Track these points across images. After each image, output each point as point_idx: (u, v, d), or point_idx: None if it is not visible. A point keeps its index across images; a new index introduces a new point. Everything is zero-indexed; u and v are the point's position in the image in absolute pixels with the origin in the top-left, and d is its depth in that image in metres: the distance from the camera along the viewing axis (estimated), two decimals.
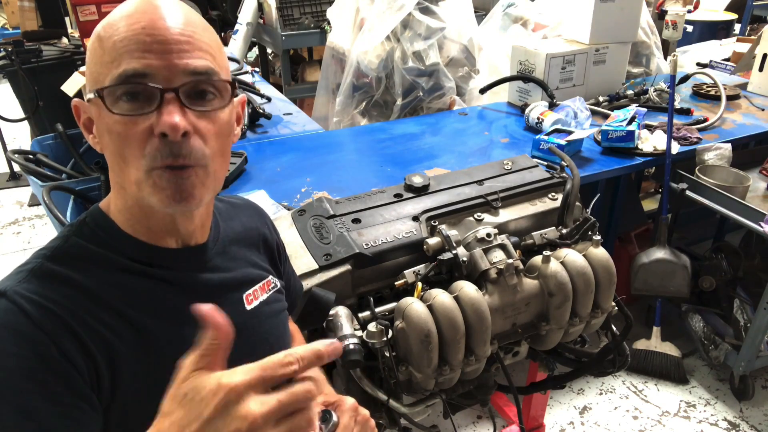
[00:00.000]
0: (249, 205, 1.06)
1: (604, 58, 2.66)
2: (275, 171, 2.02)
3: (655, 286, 2.34)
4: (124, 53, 0.69)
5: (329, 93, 3.17)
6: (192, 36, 0.72)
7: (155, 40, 0.69)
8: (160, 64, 0.69)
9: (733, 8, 4.91)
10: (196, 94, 0.72)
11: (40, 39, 4.06)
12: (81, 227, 0.79)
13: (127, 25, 0.70)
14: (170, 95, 0.69)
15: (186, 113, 0.70)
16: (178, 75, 0.70)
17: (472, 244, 1.27)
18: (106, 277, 0.75)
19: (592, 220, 1.37)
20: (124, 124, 0.69)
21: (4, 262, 3.45)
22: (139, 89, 0.69)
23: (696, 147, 2.29)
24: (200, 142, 0.72)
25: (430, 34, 2.74)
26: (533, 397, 1.97)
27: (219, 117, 0.75)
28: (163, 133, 0.69)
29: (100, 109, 0.71)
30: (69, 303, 0.71)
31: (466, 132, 2.45)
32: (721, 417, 2.34)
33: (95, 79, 0.72)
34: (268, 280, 0.95)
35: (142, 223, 0.79)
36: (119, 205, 0.79)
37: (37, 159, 2.71)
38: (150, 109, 0.69)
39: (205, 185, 0.74)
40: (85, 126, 0.78)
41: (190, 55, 0.71)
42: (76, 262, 0.75)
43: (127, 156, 0.71)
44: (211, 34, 0.75)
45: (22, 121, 3.98)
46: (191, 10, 0.75)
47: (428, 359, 1.11)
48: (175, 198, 0.72)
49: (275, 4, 3.75)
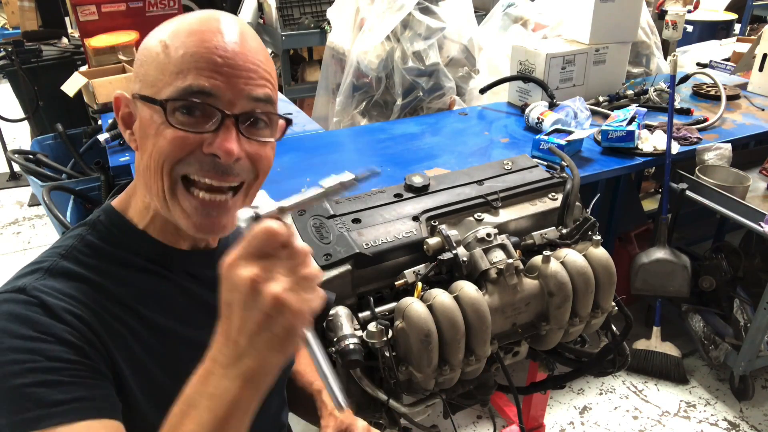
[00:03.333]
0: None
1: (604, 58, 2.66)
2: (275, 171, 2.01)
3: (655, 286, 2.34)
4: (193, 68, 0.69)
5: (329, 93, 3.17)
6: (259, 65, 0.73)
7: (227, 63, 0.70)
8: (227, 87, 0.70)
9: (733, 8, 4.91)
10: (252, 122, 0.73)
11: (40, 39, 4.06)
12: (95, 225, 0.79)
13: (199, 40, 0.70)
14: (230, 120, 0.70)
15: (240, 140, 0.72)
16: (241, 101, 0.71)
17: (472, 244, 1.27)
18: (120, 275, 0.76)
19: (592, 220, 1.37)
20: (176, 138, 0.70)
21: (4, 262, 3.45)
22: (200, 107, 0.70)
23: (696, 147, 2.29)
24: (248, 163, 0.74)
25: (430, 34, 2.74)
26: (533, 397, 1.97)
27: (266, 148, 0.76)
28: (215, 155, 0.70)
29: (153, 112, 0.71)
30: (85, 299, 0.71)
31: (466, 132, 2.45)
32: (721, 417, 2.34)
33: (152, 83, 0.71)
34: None
35: (159, 225, 0.79)
36: (139, 206, 0.79)
37: (37, 159, 2.71)
38: (208, 130, 0.70)
39: (236, 209, 0.75)
40: (123, 120, 0.78)
41: (255, 83, 0.72)
42: (90, 260, 0.75)
43: (165, 165, 0.71)
44: (272, 64, 0.76)
45: (22, 121, 3.98)
46: (257, 36, 0.76)
47: (428, 359, 1.11)
48: (204, 229, 0.74)
49: (275, 4, 3.75)
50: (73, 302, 0.70)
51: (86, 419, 0.64)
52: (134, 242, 0.79)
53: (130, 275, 0.77)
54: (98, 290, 0.73)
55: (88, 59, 2.89)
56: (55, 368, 0.65)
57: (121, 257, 0.77)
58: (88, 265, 0.75)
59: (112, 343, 0.71)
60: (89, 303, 0.71)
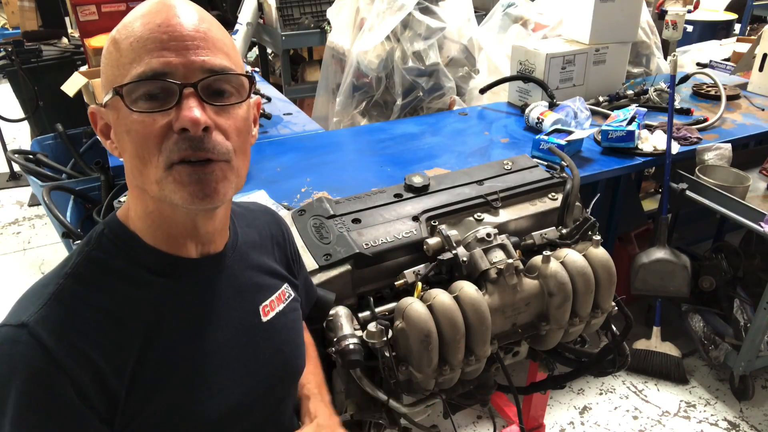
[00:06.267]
0: (266, 211, 1.05)
1: (604, 58, 2.66)
2: (275, 171, 2.02)
3: (655, 286, 2.34)
4: (142, 53, 0.69)
5: (329, 93, 3.17)
6: (207, 33, 0.72)
7: (172, 37, 0.69)
8: (178, 61, 0.69)
9: (733, 8, 4.91)
10: (215, 92, 0.72)
11: (40, 39, 4.06)
12: (100, 240, 0.78)
13: (142, 25, 0.70)
14: (189, 90, 0.69)
15: (205, 108, 0.70)
16: (195, 71, 0.70)
17: (472, 244, 1.27)
18: (129, 294, 0.75)
19: (592, 220, 1.37)
20: (143, 123, 0.69)
21: (4, 262, 3.45)
22: (158, 88, 0.69)
23: (696, 147, 2.29)
24: (222, 137, 0.72)
25: (430, 34, 2.74)
26: (533, 397, 1.97)
27: (238, 113, 0.75)
28: (184, 129, 0.69)
29: (119, 110, 0.71)
30: (93, 331, 0.70)
31: (466, 132, 2.45)
32: (721, 417, 2.34)
33: (112, 80, 0.71)
34: (283, 289, 0.95)
35: (162, 230, 0.78)
36: (139, 211, 0.78)
37: (37, 159, 2.71)
38: (169, 106, 0.69)
39: (228, 180, 0.74)
40: (102, 132, 0.77)
41: (206, 52, 0.71)
42: (97, 279, 0.74)
43: (146, 155, 0.70)
44: (224, 33, 0.76)
45: (22, 121, 3.98)
46: (203, 9, 0.75)
47: (428, 359, 1.11)
48: (198, 195, 0.71)
49: (275, 4, 3.75)
50: (78, 336, 0.69)
51: None
52: (141, 255, 0.77)
53: (138, 291, 0.76)
54: (106, 315, 0.72)
55: (88, 59, 2.89)
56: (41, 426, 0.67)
57: (128, 274, 0.76)
58: (95, 285, 0.73)
59: (115, 376, 0.71)
60: (95, 334, 0.71)
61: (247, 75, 0.75)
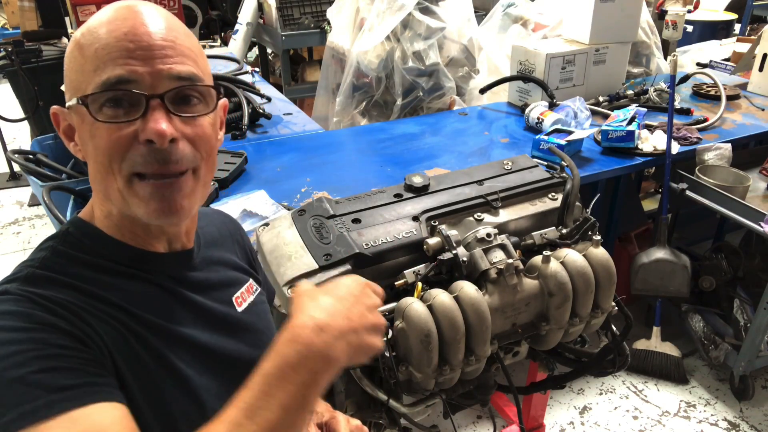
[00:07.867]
0: (218, 211, 1.08)
1: (604, 58, 2.66)
2: (275, 171, 2.02)
3: (655, 286, 2.34)
4: (107, 60, 0.68)
5: (329, 93, 3.17)
6: (174, 41, 0.71)
7: (138, 46, 0.69)
8: (145, 70, 0.68)
9: (733, 8, 4.91)
10: (181, 100, 0.72)
11: (40, 39, 4.06)
12: (65, 237, 0.76)
13: (108, 31, 0.69)
14: (156, 102, 0.69)
15: (172, 119, 0.70)
16: (162, 81, 0.69)
17: (472, 244, 1.27)
18: (102, 280, 0.74)
19: (592, 220, 1.37)
20: (108, 130, 0.69)
21: (4, 262, 3.45)
22: (123, 96, 0.68)
23: (696, 147, 2.29)
24: (189, 147, 0.72)
25: (430, 34, 2.74)
26: (533, 397, 1.97)
27: (204, 122, 0.74)
28: (150, 140, 0.68)
29: (83, 117, 0.70)
30: (71, 300, 0.69)
31: (466, 132, 2.45)
32: (721, 417, 2.34)
33: (76, 87, 0.71)
34: (250, 283, 0.97)
35: (127, 229, 0.77)
36: (104, 212, 0.77)
37: (37, 159, 2.71)
38: (135, 116, 0.69)
39: (194, 193, 0.74)
40: (65, 133, 0.77)
41: (173, 61, 0.70)
42: (66, 269, 0.72)
43: (110, 164, 0.70)
44: (192, 40, 0.75)
45: (22, 121, 3.98)
46: (172, 15, 0.75)
47: (428, 359, 1.11)
48: (163, 211, 0.71)
49: (275, 4, 3.75)
50: (62, 301, 0.68)
51: (96, 402, 0.63)
52: (108, 249, 0.76)
53: (111, 279, 0.74)
54: (81, 292, 0.70)
55: None
56: (59, 355, 0.63)
57: (98, 264, 0.74)
58: (66, 273, 0.72)
59: (108, 339, 0.69)
60: (78, 303, 0.69)
61: (212, 85, 0.75)
